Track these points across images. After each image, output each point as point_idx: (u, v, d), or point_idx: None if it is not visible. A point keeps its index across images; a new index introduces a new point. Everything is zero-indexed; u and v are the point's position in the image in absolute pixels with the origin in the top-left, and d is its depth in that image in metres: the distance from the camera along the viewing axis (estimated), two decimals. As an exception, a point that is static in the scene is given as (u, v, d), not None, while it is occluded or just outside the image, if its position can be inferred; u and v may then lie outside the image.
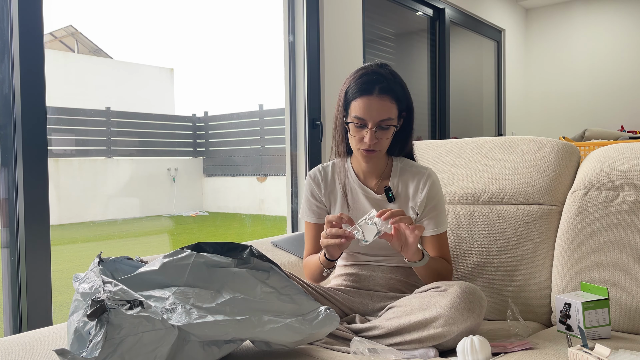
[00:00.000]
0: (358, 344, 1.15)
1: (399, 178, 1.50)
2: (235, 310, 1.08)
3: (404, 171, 1.51)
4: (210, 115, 6.59)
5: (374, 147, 1.41)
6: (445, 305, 1.20)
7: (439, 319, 1.20)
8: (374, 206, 1.49)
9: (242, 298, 1.11)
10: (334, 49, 3.09)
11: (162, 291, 1.08)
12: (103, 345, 0.89)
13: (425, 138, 4.43)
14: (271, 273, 1.20)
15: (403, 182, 1.50)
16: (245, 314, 1.08)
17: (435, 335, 1.20)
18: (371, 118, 1.38)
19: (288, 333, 1.11)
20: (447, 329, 1.19)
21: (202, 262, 1.16)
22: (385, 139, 1.42)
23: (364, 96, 1.38)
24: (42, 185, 1.82)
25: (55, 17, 6.11)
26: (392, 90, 1.39)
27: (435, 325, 1.20)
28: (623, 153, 1.55)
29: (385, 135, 1.41)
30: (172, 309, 1.03)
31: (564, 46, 5.75)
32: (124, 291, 0.98)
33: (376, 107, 1.37)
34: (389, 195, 1.48)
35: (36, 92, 1.80)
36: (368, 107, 1.37)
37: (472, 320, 1.21)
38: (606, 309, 1.29)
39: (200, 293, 1.10)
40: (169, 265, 1.14)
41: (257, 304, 1.11)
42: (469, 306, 1.20)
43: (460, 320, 1.19)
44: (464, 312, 1.20)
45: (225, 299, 1.09)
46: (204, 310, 1.05)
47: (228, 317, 1.05)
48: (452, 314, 1.19)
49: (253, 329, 1.07)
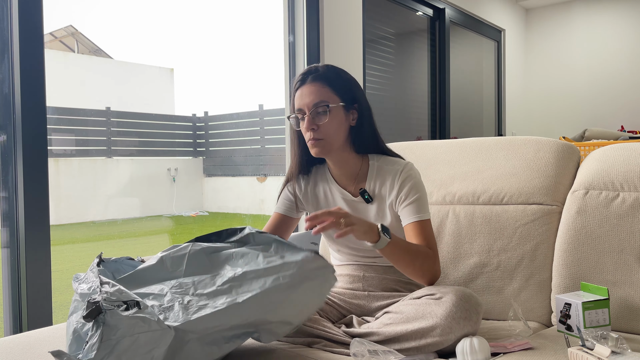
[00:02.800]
0: (358, 345, 1.15)
1: (375, 178, 1.48)
2: (238, 287, 1.06)
3: (380, 170, 1.48)
4: (210, 115, 6.60)
5: (317, 136, 1.40)
6: (441, 314, 1.20)
7: (435, 328, 1.20)
8: (351, 208, 1.48)
9: (243, 272, 1.09)
10: (334, 49, 3.09)
11: (161, 286, 1.08)
12: (99, 347, 0.89)
13: (425, 138, 4.43)
14: (274, 245, 1.17)
15: (380, 181, 1.47)
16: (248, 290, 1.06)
17: (432, 344, 1.21)
18: (305, 104, 1.40)
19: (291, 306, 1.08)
20: (444, 337, 1.19)
21: (200, 250, 1.15)
22: (326, 125, 1.39)
23: (298, 89, 1.42)
24: (42, 185, 1.82)
25: (55, 17, 6.11)
26: (325, 77, 1.41)
27: (432, 334, 1.20)
28: (623, 153, 1.55)
29: (323, 120, 1.39)
30: (169, 307, 1.02)
31: (564, 46, 5.75)
32: (120, 292, 0.98)
33: (307, 92, 1.40)
34: (365, 197, 1.47)
35: (36, 92, 1.80)
36: (301, 96, 1.41)
37: (469, 327, 1.21)
38: (606, 309, 1.29)
39: (200, 280, 1.09)
40: (166, 258, 1.14)
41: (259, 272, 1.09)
42: (465, 314, 1.20)
43: (457, 329, 1.19)
44: (460, 321, 1.19)
45: (226, 278, 1.08)
46: (205, 297, 1.04)
47: (230, 299, 1.04)
48: (449, 323, 1.19)
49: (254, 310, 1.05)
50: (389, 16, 3.98)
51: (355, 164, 1.49)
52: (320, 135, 1.40)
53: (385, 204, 1.46)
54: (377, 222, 1.40)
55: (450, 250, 1.66)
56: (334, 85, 1.42)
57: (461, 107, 4.83)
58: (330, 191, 1.53)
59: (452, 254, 1.66)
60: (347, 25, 3.20)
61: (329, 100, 1.40)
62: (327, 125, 1.40)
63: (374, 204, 1.47)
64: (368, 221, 1.27)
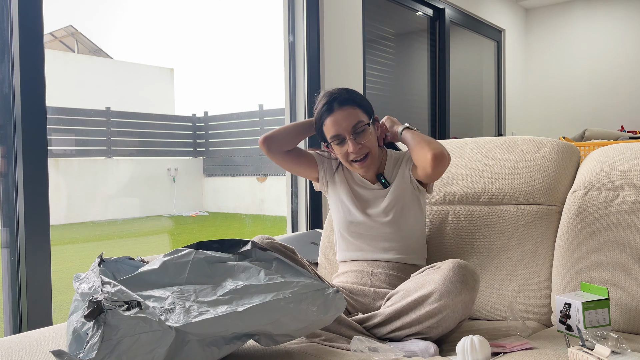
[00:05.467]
0: (358, 342, 1.16)
1: (392, 166, 1.60)
2: (238, 298, 1.07)
3: (396, 159, 1.61)
4: (210, 115, 6.59)
5: (364, 151, 1.49)
6: (438, 280, 1.25)
7: (433, 293, 1.24)
8: (369, 194, 1.58)
9: (244, 286, 1.10)
10: (334, 49, 3.09)
11: (162, 291, 1.08)
12: (100, 346, 0.89)
13: (425, 138, 4.42)
14: (275, 263, 1.20)
15: (396, 168, 1.59)
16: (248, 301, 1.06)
17: (431, 312, 1.24)
18: (343, 129, 1.47)
19: (292, 321, 1.10)
20: (443, 302, 1.23)
21: (203, 259, 1.16)
22: (368, 142, 1.49)
23: (329, 116, 1.49)
24: (42, 185, 1.82)
25: (55, 17, 6.11)
26: (351, 100, 1.50)
27: (430, 301, 1.24)
28: (623, 153, 1.55)
29: (364, 138, 1.48)
30: (170, 309, 1.03)
31: (564, 46, 5.75)
32: (122, 292, 0.98)
33: (342, 117, 1.47)
34: (382, 181, 1.57)
35: (36, 92, 1.80)
36: (336, 122, 1.48)
37: (466, 293, 1.25)
38: (606, 309, 1.29)
39: (201, 289, 1.09)
40: (169, 263, 1.14)
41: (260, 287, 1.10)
42: (462, 279, 1.25)
43: (454, 292, 1.23)
44: (457, 285, 1.24)
45: (228, 289, 1.09)
46: (205, 304, 1.05)
47: (230, 309, 1.04)
48: (446, 287, 1.24)
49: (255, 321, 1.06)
50: (389, 16, 3.98)
51: (380, 156, 1.60)
52: (368, 150, 1.51)
53: (403, 184, 1.56)
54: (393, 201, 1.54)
55: (451, 250, 1.66)
56: (360, 104, 1.52)
57: (461, 107, 4.83)
58: (348, 179, 1.62)
59: (452, 254, 1.66)
60: (347, 25, 3.20)
61: (363, 119, 1.50)
62: (370, 142, 1.51)
63: (390, 187, 1.57)
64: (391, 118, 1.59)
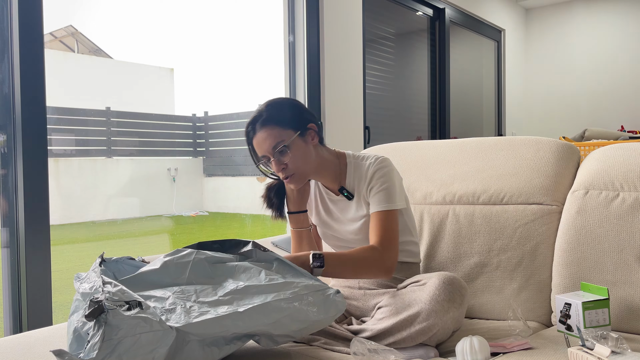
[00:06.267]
0: (358, 344, 1.15)
1: (353, 175, 1.53)
2: (239, 299, 1.07)
3: (357, 167, 1.53)
4: (210, 115, 6.59)
5: (289, 173, 1.45)
6: (425, 299, 1.24)
7: (421, 313, 1.23)
8: (336, 207, 1.56)
9: (245, 286, 1.10)
10: (334, 49, 3.09)
11: (163, 291, 1.08)
12: (100, 346, 0.89)
13: (425, 138, 4.43)
14: (275, 264, 1.20)
15: (357, 178, 1.53)
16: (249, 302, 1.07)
17: (421, 330, 1.23)
18: (265, 151, 1.44)
19: (293, 322, 1.10)
20: (431, 322, 1.22)
21: (204, 259, 1.16)
22: (294, 160, 1.44)
23: (252, 139, 1.47)
24: (42, 185, 1.82)
25: (55, 17, 6.11)
26: (270, 119, 1.44)
27: (419, 320, 1.23)
28: (623, 153, 1.55)
29: (286, 157, 1.43)
30: (171, 309, 1.03)
31: (564, 46, 5.75)
32: (123, 292, 0.98)
33: (262, 140, 1.44)
34: (345, 194, 1.52)
35: (36, 92, 1.80)
36: (258, 144, 1.45)
37: (454, 310, 1.24)
38: (606, 309, 1.29)
39: (202, 289, 1.09)
40: (169, 264, 1.14)
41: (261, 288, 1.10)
42: (448, 297, 1.24)
43: (441, 311, 1.23)
44: (444, 304, 1.23)
45: (229, 289, 1.09)
46: (206, 305, 1.05)
47: (231, 309, 1.05)
48: (433, 306, 1.23)
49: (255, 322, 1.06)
50: (389, 16, 3.98)
51: (333, 169, 1.54)
52: (292, 171, 1.45)
53: (361, 198, 1.51)
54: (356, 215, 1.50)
55: (450, 250, 1.66)
56: (281, 121, 1.45)
57: (461, 107, 4.83)
58: (318, 193, 1.61)
59: (452, 254, 1.66)
60: (347, 25, 3.20)
61: (283, 138, 1.43)
62: (294, 161, 1.44)
63: (354, 200, 1.52)
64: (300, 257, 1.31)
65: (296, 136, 1.44)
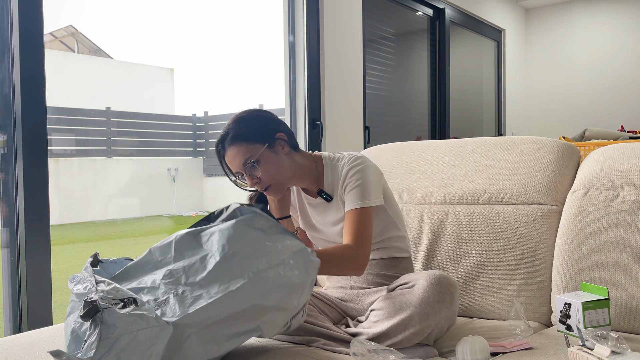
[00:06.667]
0: (358, 344, 1.15)
1: (330, 176, 1.52)
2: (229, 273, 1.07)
3: (333, 168, 1.52)
4: (210, 115, 6.59)
5: (264, 185, 1.45)
6: (415, 302, 1.24)
7: (413, 317, 1.23)
8: (316, 210, 1.55)
9: (232, 252, 1.10)
10: (334, 49, 3.09)
11: (152, 277, 1.08)
12: (98, 345, 0.89)
13: (425, 138, 4.43)
14: (256, 216, 1.20)
15: (333, 179, 1.52)
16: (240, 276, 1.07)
17: (416, 333, 1.24)
18: (237, 167, 1.44)
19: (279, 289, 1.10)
20: (425, 324, 1.23)
21: (185, 234, 1.17)
22: (266, 173, 1.43)
23: (224, 159, 1.46)
24: (42, 185, 1.82)
25: (55, 17, 6.11)
26: (235, 137, 1.43)
27: (413, 323, 1.24)
28: (623, 153, 1.55)
29: (261, 170, 1.43)
30: (164, 301, 1.03)
31: (564, 46, 5.75)
32: (116, 290, 0.98)
33: (231, 158, 1.43)
34: (324, 196, 1.51)
35: (36, 92, 1.80)
36: (229, 162, 1.45)
37: (445, 309, 1.25)
38: (606, 309, 1.29)
39: (190, 264, 1.09)
40: (154, 249, 1.17)
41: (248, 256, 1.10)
42: (438, 297, 1.24)
43: (432, 313, 1.23)
44: (434, 305, 1.24)
45: (217, 260, 1.09)
46: (197, 286, 1.04)
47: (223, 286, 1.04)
48: (424, 309, 1.23)
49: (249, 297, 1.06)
50: (389, 16, 3.98)
51: (310, 173, 1.52)
52: (267, 183, 1.45)
53: (338, 198, 1.50)
54: (337, 217, 1.49)
55: (450, 250, 1.66)
56: (247, 137, 1.43)
57: (461, 107, 4.83)
58: (298, 198, 1.61)
59: (452, 254, 1.66)
60: (347, 25, 3.20)
61: (252, 153, 1.42)
62: (266, 173, 1.43)
63: (333, 202, 1.51)
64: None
65: (264, 149, 1.42)
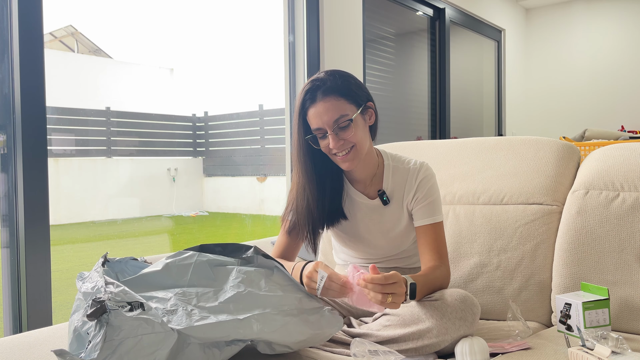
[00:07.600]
0: (358, 345, 1.15)
1: (392, 178, 1.45)
2: (239, 307, 1.07)
3: (397, 170, 1.46)
4: (210, 115, 6.60)
5: (344, 148, 1.33)
6: (437, 316, 1.21)
7: (432, 330, 1.21)
8: (369, 211, 1.46)
9: (247, 292, 1.10)
10: (334, 49, 3.09)
11: (165, 292, 1.08)
12: (102, 347, 0.89)
13: (425, 138, 4.43)
14: (275, 271, 1.20)
15: (396, 182, 1.45)
16: (248, 311, 1.07)
17: (429, 345, 1.22)
18: (325, 123, 1.31)
19: (291, 333, 1.11)
20: (441, 338, 1.21)
21: (205, 262, 1.16)
22: (352, 137, 1.33)
23: (310, 107, 1.33)
24: (42, 185, 1.82)
25: (55, 17, 6.11)
26: (335, 89, 1.32)
27: (429, 336, 1.21)
28: (623, 153, 1.55)
29: (348, 133, 1.32)
30: (173, 311, 1.03)
31: (564, 46, 5.75)
32: (125, 292, 0.98)
33: (324, 110, 1.31)
34: (384, 199, 1.44)
35: (36, 92, 1.80)
36: (317, 114, 1.32)
37: (465, 328, 1.22)
38: (606, 309, 1.29)
39: (203, 292, 1.09)
40: (171, 265, 1.14)
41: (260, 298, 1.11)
42: (460, 315, 1.22)
43: (452, 329, 1.21)
44: (456, 322, 1.21)
45: (229, 295, 1.09)
46: (206, 311, 1.05)
47: (231, 316, 1.05)
48: (445, 324, 1.20)
49: (255, 329, 1.07)
50: (389, 16, 3.98)
51: (374, 164, 1.46)
52: (348, 148, 1.34)
53: (402, 205, 1.45)
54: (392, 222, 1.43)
55: (450, 250, 1.66)
56: (347, 93, 1.33)
57: (461, 107, 4.83)
58: (347, 197, 1.49)
59: (452, 254, 1.66)
60: (347, 25, 3.20)
61: (348, 113, 1.32)
62: (354, 138, 1.33)
63: (391, 205, 1.45)
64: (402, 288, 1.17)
65: (358, 113, 1.33)
